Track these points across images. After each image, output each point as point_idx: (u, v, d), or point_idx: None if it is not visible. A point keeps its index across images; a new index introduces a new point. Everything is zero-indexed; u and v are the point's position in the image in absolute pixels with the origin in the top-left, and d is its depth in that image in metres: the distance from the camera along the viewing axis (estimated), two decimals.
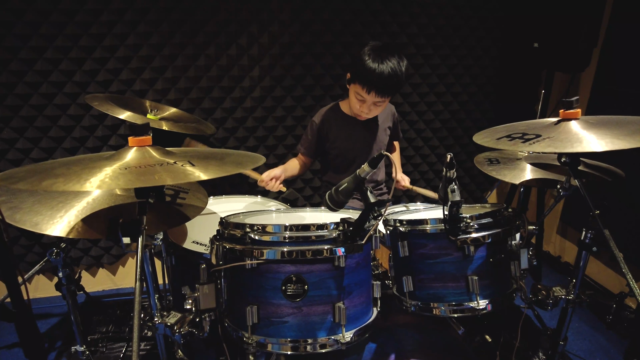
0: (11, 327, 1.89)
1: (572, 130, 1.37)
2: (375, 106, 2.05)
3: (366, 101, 2.01)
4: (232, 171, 1.25)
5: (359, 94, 2.00)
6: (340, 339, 1.30)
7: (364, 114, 2.09)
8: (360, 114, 2.10)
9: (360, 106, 2.05)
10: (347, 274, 1.32)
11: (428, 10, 2.66)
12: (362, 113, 2.08)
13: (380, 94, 1.97)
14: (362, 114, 2.10)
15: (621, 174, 1.66)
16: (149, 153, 1.26)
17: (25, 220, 1.34)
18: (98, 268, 2.78)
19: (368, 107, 2.04)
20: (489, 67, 2.89)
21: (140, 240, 1.15)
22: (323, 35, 2.56)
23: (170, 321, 1.43)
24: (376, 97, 1.98)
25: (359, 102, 2.05)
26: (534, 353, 2.10)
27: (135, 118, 1.99)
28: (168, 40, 2.38)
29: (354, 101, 2.06)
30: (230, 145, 2.66)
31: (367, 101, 2.01)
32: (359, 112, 2.08)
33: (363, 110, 2.06)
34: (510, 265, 1.54)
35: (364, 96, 1.99)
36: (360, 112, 2.08)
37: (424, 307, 1.50)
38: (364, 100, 2.01)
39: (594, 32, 2.35)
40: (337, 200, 1.36)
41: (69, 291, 1.58)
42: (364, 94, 1.98)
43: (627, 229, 2.34)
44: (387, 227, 1.59)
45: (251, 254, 1.30)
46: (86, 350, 1.72)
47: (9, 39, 2.18)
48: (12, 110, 2.29)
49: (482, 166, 1.94)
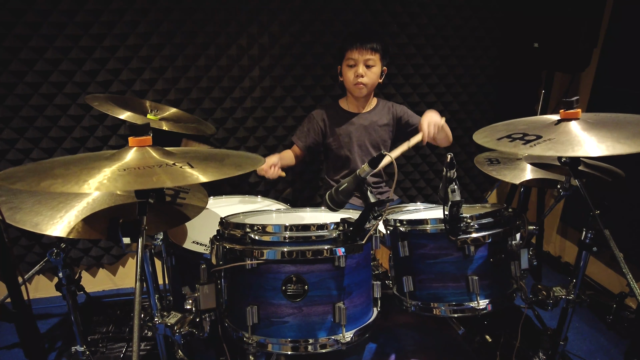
0: (11, 327, 1.89)
1: (572, 131, 1.36)
2: (368, 69, 2.13)
3: (357, 62, 2.11)
4: (231, 173, 1.25)
5: (348, 59, 2.13)
6: (340, 339, 1.30)
7: (360, 79, 2.13)
8: (356, 82, 2.15)
9: (355, 72, 2.13)
10: (347, 274, 1.32)
11: (428, 10, 2.66)
12: (357, 79, 2.14)
13: (363, 45, 2.08)
14: (357, 80, 2.14)
15: (621, 174, 1.66)
16: (149, 153, 1.26)
17: (26, 221, 1.34)
18: (98, 268, 2.78)
19: (363, 70, 2.12)
20: (489, 67, 2.89)
21: (140, 240, 1.15)
22: (323, 35, 2.56)
23: (170, 321, 1.43)
24: (362, 51, 2.08)
25: (351, 70, 2.14)
26: (534, 353, 2.09)
27: (135, 118, 1.99)
28: (168, 41, 2.38)
29: (348, 74, 2.16)
30: (231, 146, 2.66)
31: (358, 62, 2.11)
32: (355, 79, 2.14)
33: (358, 75, 2.12)
34: (510, 265, 1.54)
35: (353, 56, 2.10)
36: (356, 79, 2.14)
37: (424, 307, 1.50)
38: (355, 62, 2.11)
39: (594, 32, 2.35)
40: (337, 201, 1.36)
41: (69, 291, 1.58)
42: (352, 54, 2.10)
43: (627, 229, 2.34)
44: (387, 227, 1.59)
45: (251, 254, 1.30)
46: (86, 350, 1.72)
47: (9, 39, 2.18)
48: (12, 110, 2.29)
49: (482, 166, 1.94)
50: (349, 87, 2.21)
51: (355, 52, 2.11)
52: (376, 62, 2.14)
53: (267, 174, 2.13)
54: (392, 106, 2.36)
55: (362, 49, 2.09)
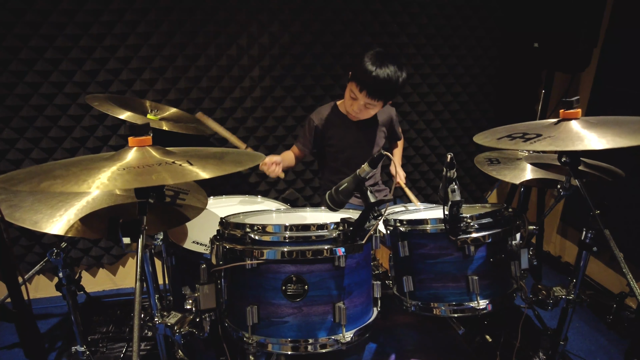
0: (11, 327, 1.89)
1: (572, 129, 1.37)
2: (365, 108, 2.09)
3: (358, 100, 2.05)
4: (231, 170, 1.25)
5: (353, 92, 2.05)
6: (340, 339, 1.30)
7: (354, 113, 2.12)
8: (351, 112, 2.13)
9: (352, 104, 2.09)
10: (347, 274, 1.32)
11: (428, 10, 2.66)
12: (352, 112, 2.12)
13: (372, 96, 2.01)
14: (352, 113, 2.13)
15: (621, 173, 1.66)
16: (149, 153, 1.26)
17: (25, 219, 1.34)
18: (98, 268, 2.78)
19: (359, 108, 2.08)
20: (489, 67, 2.89)
21: (140, 240, 1.15)
22: (323, 35, 2.56)
23: (170, 321, 1.43)
24: (367, 98, 2.01)
25: (351, 100, 2.09)
26: (534, 353, 2.09)
27: (135, 118, 1.99)
28: (168, 41, 2.38)
29: (348, 99, 2.11)
30: (231, 145, 2.66)
31: (359, 100, 2.05)
32: (350, 110, 2.12)
33: (354, 109, 2.10)
34: (510, 265, 1.54)
35: (357, 95, 2.03)
36: (351, 111, 2.12)
37: (424, 307, 1.50)
38: (357, 99, 2.05)
39: (594, 32, 2.35)
40: (337, 200, 1.36)
41: (69, 291, 1.58)
42: (357, 93, 2.02)
43: (627, 229, 2.34)
44: (388, 227, 1.59)
45: (251, 254, 1.30)
46: (86, 350, 1.72)
47: (9, 39, 2.18)
48: (12, 110, 2.29)
49: (482, 166, 1.94)
50: (345, 106, 2.17)
51: (360, 94, 2.01)
52: (377, 106, 2.09)
53: (268, 169, 2.08)
54: (389, 110, 2.35)
55: (368, 98, 2.01)
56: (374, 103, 2.04)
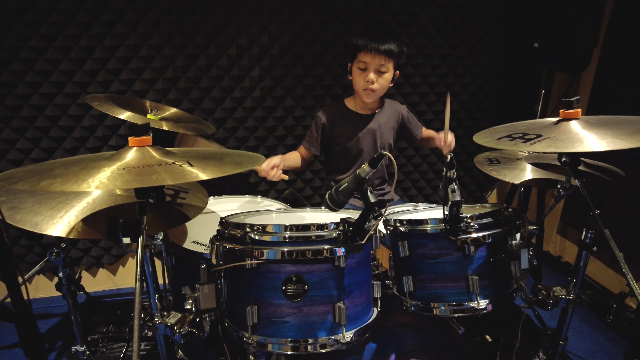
0: (11, 327, 1.89)
1: (572, 130, 1.37)
2: (379, 74, 2.04)
3: (369, 67, 2.02)
4: (231, 171, 1.25)
5: (359, 61, 2.03)
6: (340, 339, 1.30)
7: (369, 85, 2.05)
8: (366, 87, 2.06)
9: (365, 76, 2.04)
10: (347, 274, 1.32)
11: (428, 10, 2.66)
12: (367, 84, 2.05)
13: (376, 44, 1.97)
14: (367, 86, 2.05)
15: (621, 173, 1.66)
16: (149, 153, 1.26)
17: (26, 221, 1.34)
18: (98, 268, 2.78)
19: (373, 75, 2.02)
20: (489, 67, 2.89)
21: (140, 240, 1.15)
22: (323, 35, 2.56)
23: (170, 321, 1.43)
24: (375, 54, 1.98)
25: (362, 74, 2.05)
26: (534, 353, 2.10)
27: (135, 118, 1.98)
28: (168, 41, 2.38)
29: (358, 78, 2.07)
30: (231, 145, 2.66)
31: (369, 66, 2.01)
32: (365, 84, 2.05)
33: (370, 79, 2.03)
34: (510, 265, 1.54)
35: (365, 59, 2.01)
36: (366, 85, 2.05)
37: (424, 307, 1.50)
38: (366, 66, 2.02)
39: (594, 32, 2.35)
40: (337, 200, 1.36)
41: (69, 291, 1.58)
42: (364, 57, 2.00)
43: (627, 229, 2.34)
44: (388, 227, 1.59)
45: (251, 254, 1.30)
46: (86, 350, 1.72)
47: (9, 39, 2.18)
48: (12, 110, 2.29)
49: (482, 166, 1.94)
50: (357, 91, 2.13)
51: (368, 55, 1.99)
52: (389, 68, 2.05)
53: (267, 175, 2.03)
54: (398, 108, 2.31)
55: (376, 53, 1.98)
56: (384, 62, 2.00)
